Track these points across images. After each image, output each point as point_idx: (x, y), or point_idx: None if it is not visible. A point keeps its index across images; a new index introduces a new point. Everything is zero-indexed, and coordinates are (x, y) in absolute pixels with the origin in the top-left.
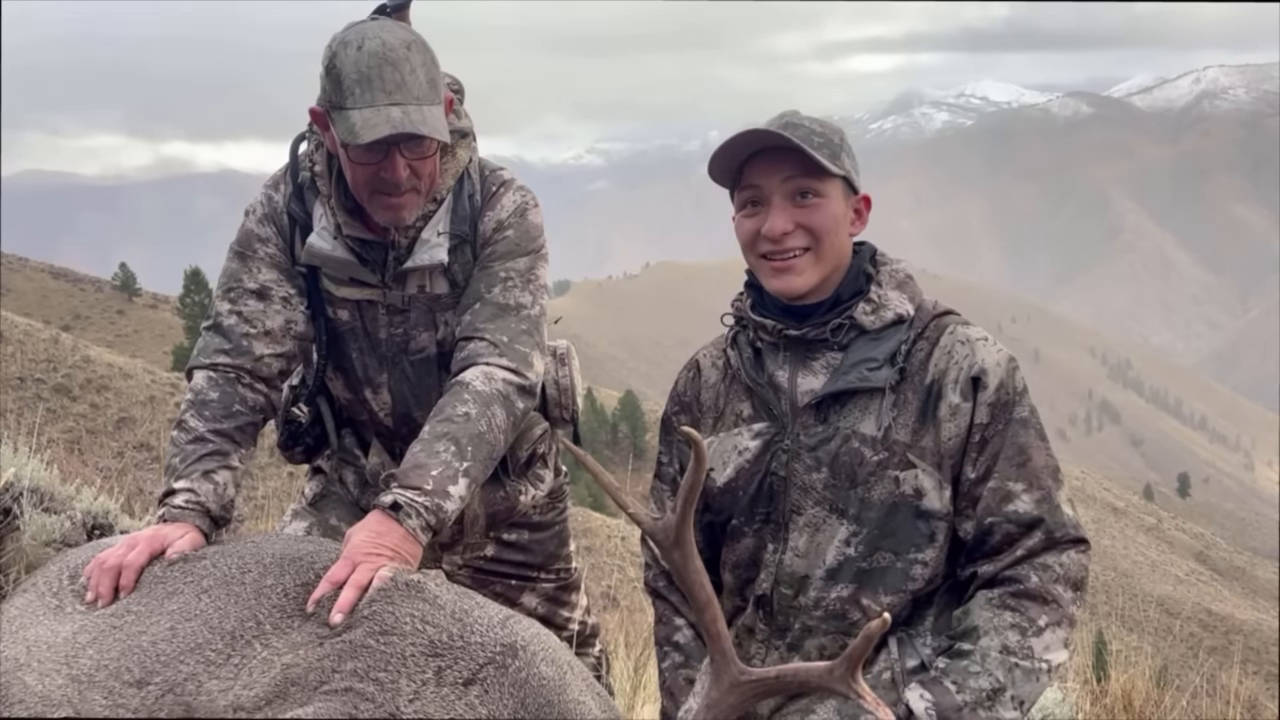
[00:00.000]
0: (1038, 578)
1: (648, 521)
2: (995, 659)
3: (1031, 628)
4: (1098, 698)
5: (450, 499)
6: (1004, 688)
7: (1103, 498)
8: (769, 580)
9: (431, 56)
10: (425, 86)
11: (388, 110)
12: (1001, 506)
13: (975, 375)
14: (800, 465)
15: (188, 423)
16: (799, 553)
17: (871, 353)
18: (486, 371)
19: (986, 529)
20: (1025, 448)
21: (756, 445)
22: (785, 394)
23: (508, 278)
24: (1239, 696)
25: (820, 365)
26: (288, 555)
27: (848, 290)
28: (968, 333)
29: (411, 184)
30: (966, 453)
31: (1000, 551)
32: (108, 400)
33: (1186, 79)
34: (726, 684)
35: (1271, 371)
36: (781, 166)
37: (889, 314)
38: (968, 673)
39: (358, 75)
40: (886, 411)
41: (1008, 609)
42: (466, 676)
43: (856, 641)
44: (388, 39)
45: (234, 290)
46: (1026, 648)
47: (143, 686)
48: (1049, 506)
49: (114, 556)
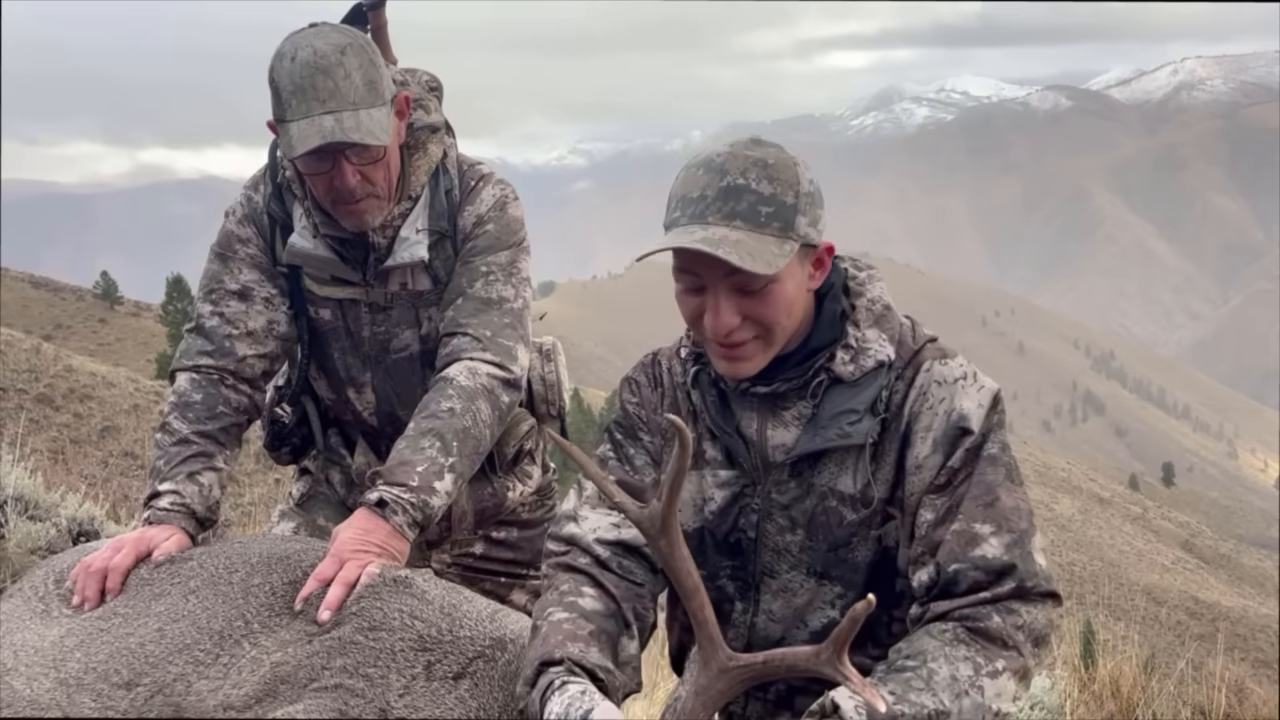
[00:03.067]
0: (1000, 619)
1: (633, 511)
2: (943, 682)
3: (988, 666)
4: (1086, 685)
5: (436, 495)
6: (949, 713)
7: (1088, 488)
8: (740, 642)
9: (369, 59)
10: (362, 90)
11: (320, 120)
12: (967, 551)
13: (955, 427)
14: (772, 526)
15: (171, 425)
16: (773, 616)
17: (850, 403)
18: (470, 366)
19: (951, 578)
20: (993, 486)
21: (724, 497)
22: (755, 447)
23: (489, 272)
24: (1225, 681)
25: (791, 416)
26: (275, 554)
27: (821, 339)
28: (945, 373)
29: (366, 190)
30: (930, 502)
31: (962, 597)
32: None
33: (1164, 70)
34: (715, 670)
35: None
36: (723, 263)
37: (869, 361)
38: (909, 685)
39: (292, 87)
40: (865, 468)
41: (962, 643)
42: (456, 671)
43: (843, 624)
44: (319, 46)
45: (215, 292)
46: (979, 686)
47: (131, 688)
48: (1021, 553)
49: (100, 560)
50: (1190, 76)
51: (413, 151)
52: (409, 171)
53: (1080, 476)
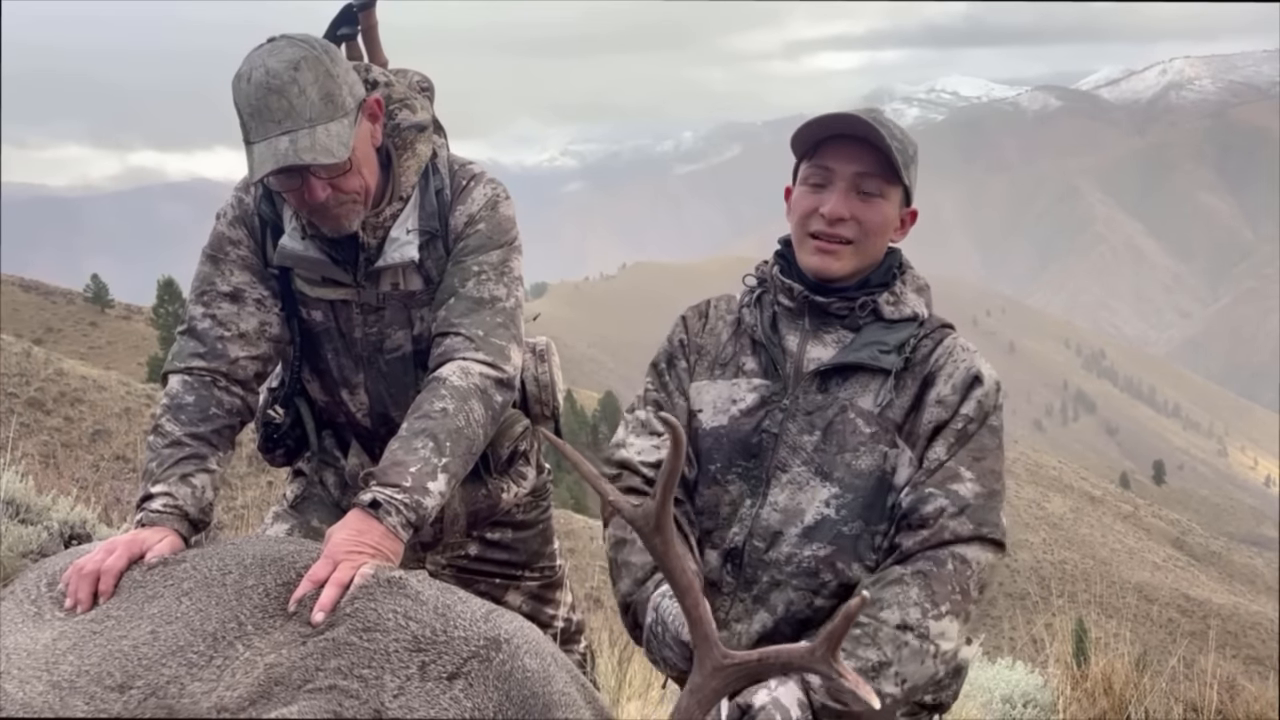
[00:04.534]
0: (953, 566)
1: (627, 508)
2: (887, 634)
3: (934, 610)
4: (1078, 682)
5: (430, 495)
6: (890, 663)
7: (1080, 487)
8: (742, 533)
9: (326, 69)
10: (318, 105)
11: (276, 142)
12: (946, 484)
13: (972, 376)
14: (794, 425)
15: (164, 427)
16: (777, 508)
17: (884, 338)
18: (463, 366)
19: (923, 497)
20: (986, 450)
21: (753, 399)
22: (793, 358)
23: (481, 271)
24: (1217, 678)
25: (831, 339)
26: (268, 556)
27: (878, 279)
28: (968, 344)
29: (339, 200)
30: (941, 436)
31: (927, 524)
32: (82, 413)
33: (1153, 70)
34: (709, 668)
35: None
36: (858, 158)
37: (906, 309)
38: (858, 641)
39: (250, 109)
40: (885, 392)
41: (915, 586)
42: (451, 671)
43: (836, 622)
44: (272, 65)
45: (207, 294)
46: (924, 627)
47: (125, 690)
48: (986, 502)
49: (92, 562)
50: (1179, 76)
51: (401, 151)
52: (398, 172)
53: (1071, 475)
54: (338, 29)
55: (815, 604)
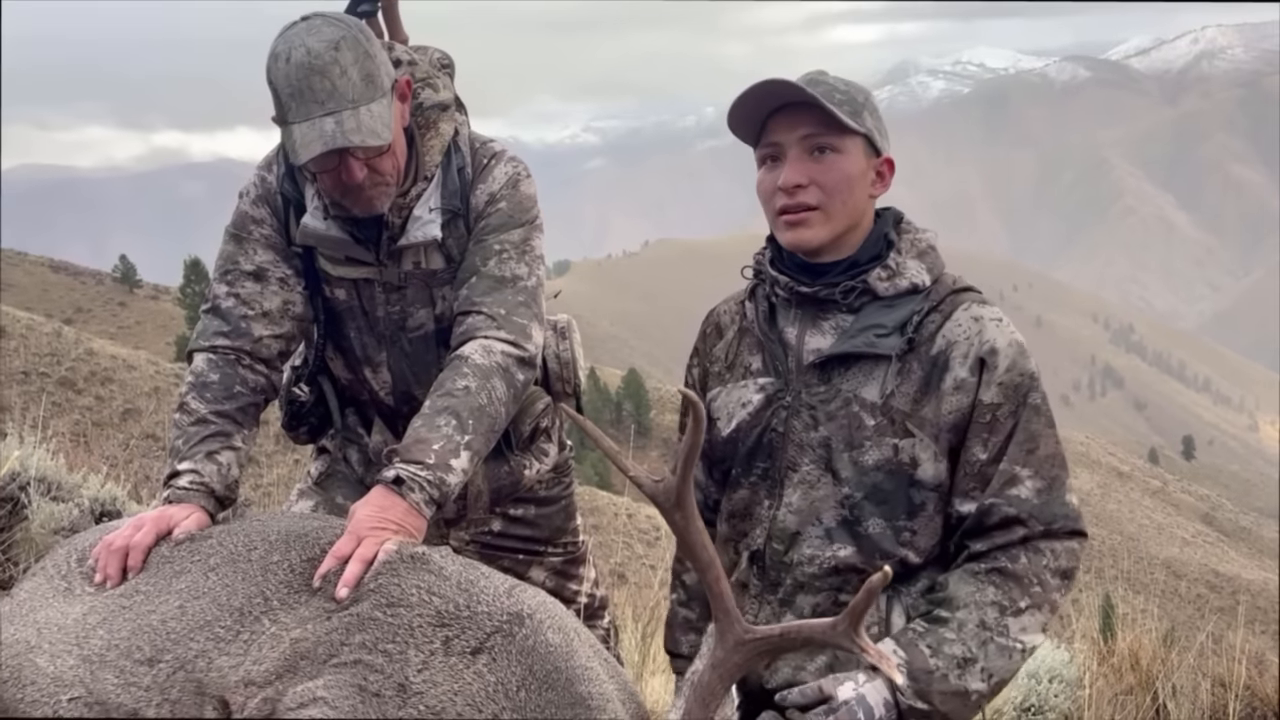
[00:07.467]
0: (1027, 559)
1: (649, 484)
2: (971, 630)
3: (1012, 607)
4: (1105, 658)
5: (453, 472)
6: (975, 659)
7: (1108, 462)
8: (762, 535)
9: (365, 49)
10: (360, 85)
11: (321, 123)
12: (1005, 490)
13: (984, 354)
14: (799, 422)
15: (189, 405)
16: (792, 509)
17: (882, 319)
18: (485, 345)
19: (986, 509)
20: (1036, 435)
21: (759, 399)
22: (792, 351)
23: (502, 250)
24: (1245, 654)
25: (830, 326)
26: (293, 532)
27: (866, 254)
28: (982, 311)
29: (374, 181)
30: (975, 432)
31: (993, 533)
32: (112, 392)
33: (1184, 39)
34: (731, 643)
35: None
36: (800, 122)
37: (904, 282)
38: (943, 639)
39: (290, 90)
40: (890, 379)
41: (991, 585)
42: (474, 645)
43: (859, 596)
44: (313, 45)
45: (231, 272)
46: (1003, 626)
47: (154, 664)
48: (1051, 496)
49: (121, 538)
50: (1210, 45)
51: (424, 131)
52: (421, 151)
53: (1099, 451)
54: (358, 6)
55: (841, 602)
